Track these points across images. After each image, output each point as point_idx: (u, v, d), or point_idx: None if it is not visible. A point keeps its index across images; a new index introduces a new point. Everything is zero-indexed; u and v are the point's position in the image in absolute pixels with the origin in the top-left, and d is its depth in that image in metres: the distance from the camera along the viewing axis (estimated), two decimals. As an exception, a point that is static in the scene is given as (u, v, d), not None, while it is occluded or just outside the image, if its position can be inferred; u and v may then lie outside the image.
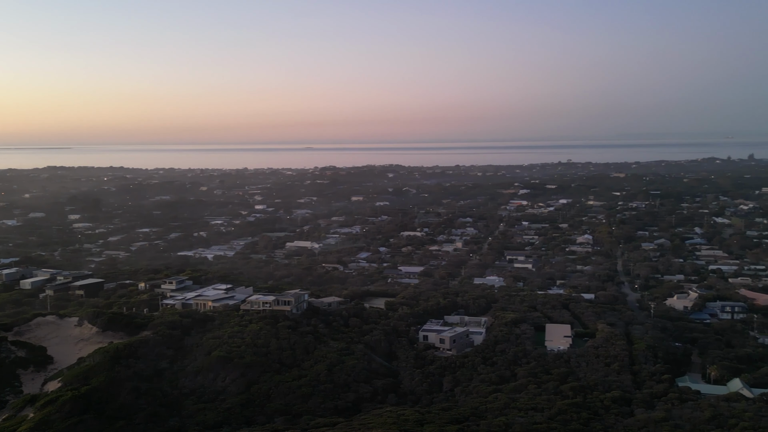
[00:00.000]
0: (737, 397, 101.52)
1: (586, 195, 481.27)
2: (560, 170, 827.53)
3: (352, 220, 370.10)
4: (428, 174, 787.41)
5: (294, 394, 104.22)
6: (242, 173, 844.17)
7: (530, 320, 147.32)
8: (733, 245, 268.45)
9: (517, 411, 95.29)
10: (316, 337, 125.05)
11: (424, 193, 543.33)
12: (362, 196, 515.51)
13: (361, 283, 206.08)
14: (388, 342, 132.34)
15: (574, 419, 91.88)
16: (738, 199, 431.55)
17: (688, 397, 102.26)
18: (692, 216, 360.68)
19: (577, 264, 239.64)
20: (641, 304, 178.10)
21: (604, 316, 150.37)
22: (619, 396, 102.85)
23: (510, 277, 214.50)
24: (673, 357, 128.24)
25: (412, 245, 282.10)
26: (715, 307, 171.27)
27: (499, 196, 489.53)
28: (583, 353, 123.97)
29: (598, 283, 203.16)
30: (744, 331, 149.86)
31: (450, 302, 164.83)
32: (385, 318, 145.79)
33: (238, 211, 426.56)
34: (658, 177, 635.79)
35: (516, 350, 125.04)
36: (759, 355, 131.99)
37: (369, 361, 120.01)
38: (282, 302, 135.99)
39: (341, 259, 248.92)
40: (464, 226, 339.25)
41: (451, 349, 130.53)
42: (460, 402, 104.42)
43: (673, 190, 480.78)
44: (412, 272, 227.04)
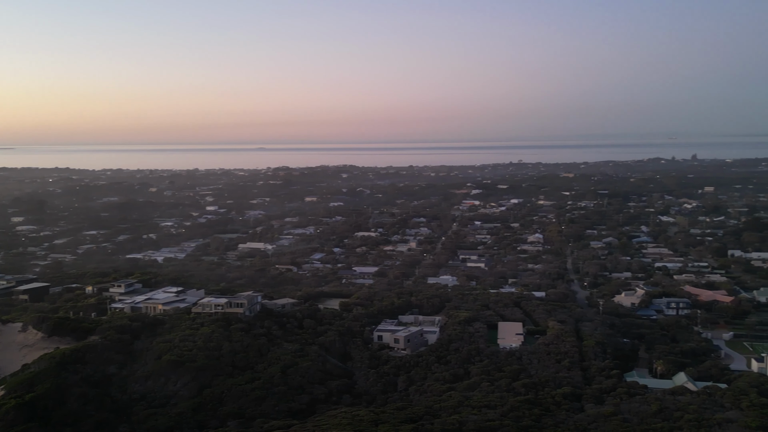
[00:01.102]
0: (682, 391, 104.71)
1: (536, 195, 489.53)
2: (511, 170, 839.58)
3: (305, 220, 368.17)
4: (382, 174, 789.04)
5: (247, 398, 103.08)
6: (193, 174, 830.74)
7: (483, 319, 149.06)
8: (677, 243, 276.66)
9: (471, 409, 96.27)
10: (270, 339, 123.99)
11: (378, 193, 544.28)
12: (316, 197, 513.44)
13: (315, 284, 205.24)
14: (343, 343, 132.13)
15: (526, 416, 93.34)
16: (682, 198, 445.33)
17: (635, 392, 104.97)
18: (639, 215, 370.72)
19: (529, 263, 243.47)
20: (590, 301, 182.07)
21: (554, 314, 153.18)
22: (570, 392, 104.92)
23: (463, 276, 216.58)
24: (622, 353, 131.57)
25: (366, 245, 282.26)
26: (660, 303, 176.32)
27: (452, 196, 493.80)
28: (534, 350, 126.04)
29: (549, 281, 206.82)
30: (688, 326, 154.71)
31: (404, 302, 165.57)
32: (339, 319, 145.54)
33: (189, 212, 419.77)
34: (605, 177, 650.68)
35: (469, 348, 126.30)
36: (702, 350, 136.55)
37: (323, 363, 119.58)
38: (235, 304, 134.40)
39: (295, 261, 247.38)
40: (418, 226, 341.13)
41: (405, 348, 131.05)
42: (415, 401, 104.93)
43: (620, 190, 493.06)
44: (366, 272, 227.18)
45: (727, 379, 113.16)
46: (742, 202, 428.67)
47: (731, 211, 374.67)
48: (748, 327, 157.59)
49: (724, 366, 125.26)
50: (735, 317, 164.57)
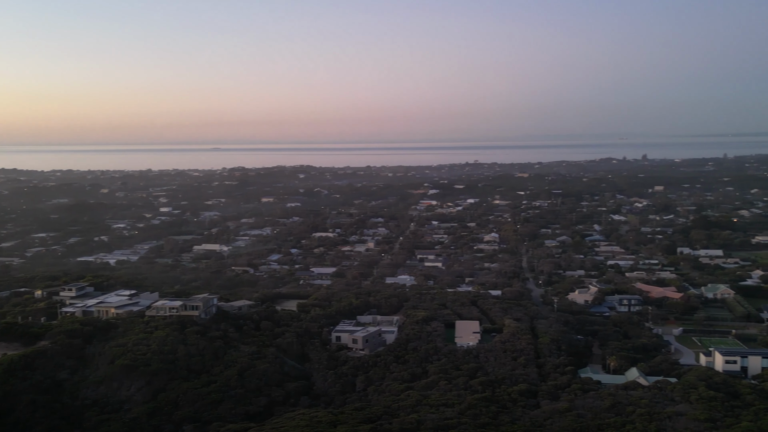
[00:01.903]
0: (634, 386, 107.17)
1: (492, 194, 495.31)
2: (468, 170, 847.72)
3: (262, 221, 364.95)
4: (340, 175, 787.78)
5: (203, 401, 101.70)
6: (146, 174, 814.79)
7: (441, 318, 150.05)
8: (629, 241, 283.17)
9: (429, 407, 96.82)
10: (226, 342, 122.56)
11: (335, 193, 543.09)
12: (273, 198, 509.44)
13: (272, 285, 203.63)
14: (301, 344, 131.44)
15: (484, 413, 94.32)
16: (633, 198, 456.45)
17: (589, 388, 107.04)
18: (591, 214, 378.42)
19: (485, 262, 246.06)
20: (545, 299, 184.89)
21: (510, 312, 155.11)
22: (526, 389, 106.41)
23: (421, 275, 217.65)
24: (576, 349, 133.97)
25: (324, 246, 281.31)
26: (613, 300, 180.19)
27: (409, 197, 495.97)
28: (491, 348, 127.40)
29: (505, 279, 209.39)
30: (640, 322, 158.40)
31: (362, 302, 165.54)
32: (297, 320, 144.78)
33: (142, 213, 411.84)
34: (559, 177, 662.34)
35: (427, 348, 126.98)
36: (653, 345, 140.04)
37: (281, 365, 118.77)
38: (190, 307, 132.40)
39: (251, 262, 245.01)
40: (376, 226, 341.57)
41: (363, 348, 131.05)
42: (373, 401, 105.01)
43: (573, 189, 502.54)
44: (324, 273, 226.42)
45: (677, 374, 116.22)
46: (690, 200, 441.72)
47: (680, 210, 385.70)
48: (697, 322, 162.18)
49: (674, 361, 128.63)
50: (684, 313, 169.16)
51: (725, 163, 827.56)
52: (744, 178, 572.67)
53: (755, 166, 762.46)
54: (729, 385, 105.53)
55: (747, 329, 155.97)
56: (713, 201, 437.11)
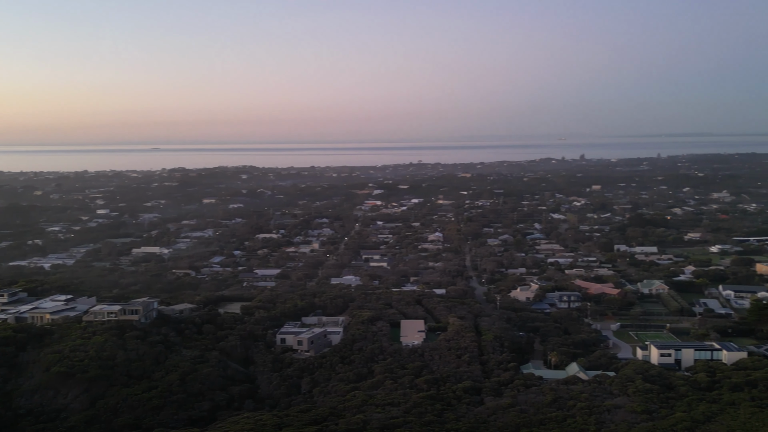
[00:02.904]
0: (575, 380, 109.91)
1: (436, 194, 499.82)
2: (412, 171, 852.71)
3: (204, 223, 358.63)
4: (283, 175, 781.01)
5: (144, 407, 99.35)
6: (82, 176, 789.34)
7: (386, 317, 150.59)
8: (568, 239, 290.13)
9: (375, 407, 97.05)
10: (168, 347, 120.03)
11: (279, 194, 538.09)
12: (215, 199, 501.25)
13: (215, 288, 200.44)
14: (245, 347, 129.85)
15: (429, 411, 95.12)
16: (572, 197, 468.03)
17: (531, 383, 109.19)
18: (532, 212, 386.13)
19: (429, 261, 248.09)
20: (488, 296, 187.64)
21: (454, 310, 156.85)
22: (470, 386, 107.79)
23: (366, 275, 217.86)
24: (518, 346, 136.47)
25: (268, 247, 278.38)
26: (553, 297, 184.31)
27: (354, 197, 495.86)
28: (436, 347, 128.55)
29: (449, 278, 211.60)
30: (579, 318, 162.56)
31: (308, 303, 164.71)
32: (241, 323, 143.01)
33: (78, 216, 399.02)
34: (501, 176, 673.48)
35: (373, 347, 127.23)
36: (592, 340, 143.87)
37: (224, 368, 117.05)
38: (129, 311, 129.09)
39: (193, 264, 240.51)
40: (321, 226, 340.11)
41: (309, 350, 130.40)
42: (319, 402, 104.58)
43: (514, 189, 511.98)
44: (268, 275, 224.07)
45: (615, 368, 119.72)
46: (626, 199, 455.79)
47: (616, 208, 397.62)
48: (633, 317, 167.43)
49: (612, 355, 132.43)
50: (621, 308, 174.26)
51: (659, 163, 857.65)
52: (677, 177, 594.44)
53: (687, 165, 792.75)
54: (664, 377, 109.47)
55: (680, 323, 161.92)
56: (648, 199, 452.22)
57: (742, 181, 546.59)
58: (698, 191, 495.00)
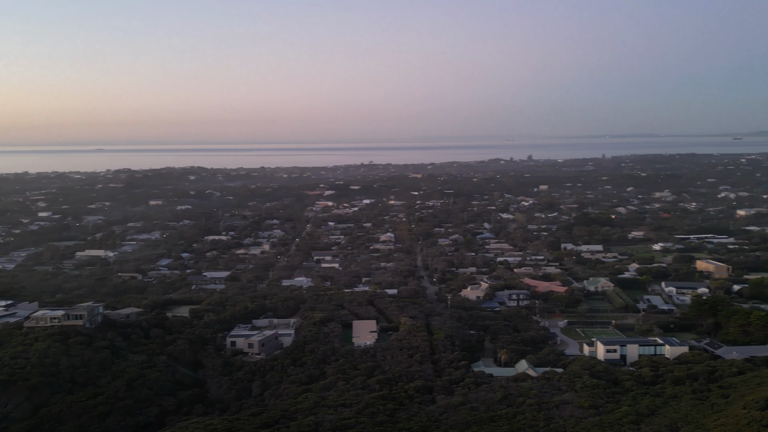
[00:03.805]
0: (524, 377, 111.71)
1: (387, 195, 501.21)
2: (363, 171, 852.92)
3: (151, 225, 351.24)
4: (233, 176, 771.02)
5: (89, 414, 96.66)
6: (22, 177, 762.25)
7: (338, 318, 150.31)
8: (516, 238, 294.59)
9: (327, 409, 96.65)
10: (114, 352, 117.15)
11: (228, 195, 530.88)
12: (162, 200, 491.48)
13: (162, 291, 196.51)
14: (194, 351, 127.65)
15: (381, 411, 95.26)
16: (520, 196, 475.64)
17: (482, 381, 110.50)
18: (482, 212, 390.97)
19: (381, 261, 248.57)
20: (439, 296, 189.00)
21: (406, 310, 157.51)
22: (422, 385, 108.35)
23: (318, 277, 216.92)
24: (469, 344, 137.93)
25: (217, 249, 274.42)
26: (503, 295, 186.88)
27: (305, 198, 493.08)
28: (388, 346, 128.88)
29: (401, 278, 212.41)
30: (528, 316, 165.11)
31: (258, 306, 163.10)
32: (189, 326, 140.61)
33: (18, 219, 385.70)
34: (451, 177, 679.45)
35: (325, 349, 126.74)
36: (541, 337, 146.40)
37: (173, 373, 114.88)
38: (73, 316, 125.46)
39: (140, 267, 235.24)
40: (271, 228, 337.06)
41: (260, 353, 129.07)
42: (270, 405, 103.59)
43: (464, 189, 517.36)
44: (218, 277, 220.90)
45: (563, 364, 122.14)
46: (573, 198, 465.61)
47: (563, 208, 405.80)
48: (580, 314, 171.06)
49: (560, 352, 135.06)
50: (568, 306, 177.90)
51: (604, 163, 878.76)
52: (620, 177, 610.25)
53: (630, 165, 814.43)
54: (610, 372, 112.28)
55: (625, 319, 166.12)
56: (593, 199, 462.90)
57: (682, 181, 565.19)
58: (641, 191, 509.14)
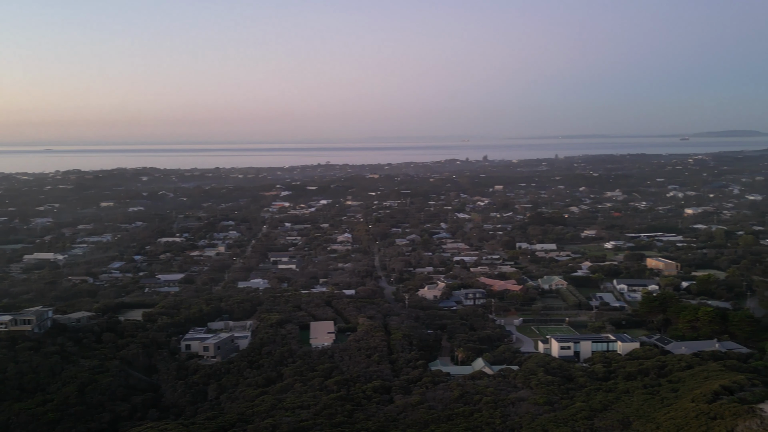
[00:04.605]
0: (480, 375, 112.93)
1: (344, 195, 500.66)
2: (320, 172, 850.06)
3: (102, 227, 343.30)
4: (186, 177, 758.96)
5: (38, 422, 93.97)
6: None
7: (295, 320, 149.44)
8: (473, 238, 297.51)
9: (284, 411, 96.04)
10: (64, 357, 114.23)
11: (182, 196, 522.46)
12: (113, 202, 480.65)
13: (114, 295, 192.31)
14: (148, 355, 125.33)
15: (339, 412, 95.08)
16: (476, 196, 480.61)
17: (439, 380, 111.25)
18: (438, 212, 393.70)
19: (339, 262, 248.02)
20: (397, 296, 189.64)
21: (364, 310, 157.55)
22: (380, 385, 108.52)
23: (274, 278, 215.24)
24: (426, 343, 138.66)
25: (171, 252, 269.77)
26: (460, 294, 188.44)
27: (261, 198, 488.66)
28: (346, 347, 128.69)
29: (358, 278, 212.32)
30: (484, 314, 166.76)
31: (214, 308, 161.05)
32: (143, 330, 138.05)
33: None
34: (408, 177, 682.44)
35: (282, 351, 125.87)
36: (497, 336, 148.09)
37: (126, 378, 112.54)
38: (21, 321, 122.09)
39: (91, 271, 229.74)
40: (227, 229, 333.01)
41: (215, 356, 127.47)
42: (226, 409, 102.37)
43: (421, 189, 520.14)
44: (171, 280, 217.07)
45: (518, 361, 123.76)
46: (527, 198, 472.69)
47: (518, 207, 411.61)
48: (535, 312, 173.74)
49: (515, 349, 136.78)
50: (524, 304, 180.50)
51: (557, 163, 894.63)
52: (573, 176, 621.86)
53: (583, 165, 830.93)
54: (564, 369, 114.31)
55: (579, 317, 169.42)
56: (547, 198, 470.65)
57: (633, 181, 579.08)
58: (593, 190, 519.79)
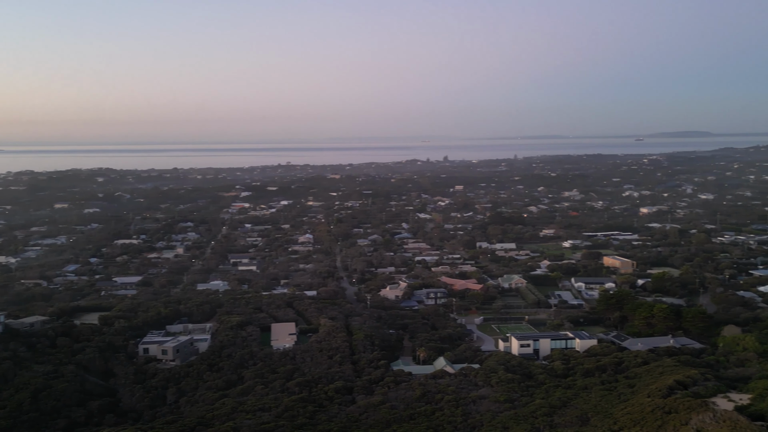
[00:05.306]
0: (442, 374, 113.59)
1: (305, 196, 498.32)
2: (280, 172, 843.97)
3: (56, 229, 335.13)
4: (143, 178, 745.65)
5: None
6: None
7: (256, 321, 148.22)
8: (434, 238, 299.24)
9: (245, 414, 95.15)
10: (17, 363, 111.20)
11: (139, 198, 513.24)
12: (68, 203, 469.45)
13: (69, 298, 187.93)
14: (104, 359, 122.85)
15: (301, 414, 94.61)
16: (437, 197, 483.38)
17: (401, 379, 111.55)
18: (399, 213, 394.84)
19: (300, 263, 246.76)
20: (359, 296, 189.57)
21: (326, 311, 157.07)
22: (342, 386, 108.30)
23: (235, 280, 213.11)
24: (388, 343, 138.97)
25: (128, 254, 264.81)
26: (421, 294, 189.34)
27: (220, 199, 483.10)
28: (307, 348, 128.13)
29: (320, 279, 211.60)
30: (445, 314, 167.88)
31: (172, 311, 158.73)
32: (99, 334, 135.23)
33: None
34: (369, 178, 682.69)
35: (242, 353, 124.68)
36: (458, 334, 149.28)
37: (82, 383, 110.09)
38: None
39: (44, 274, 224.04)
40: (185, 231, 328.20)
41: (174, 359, 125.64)
42: (186, 413, 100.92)
43: (382, 190, 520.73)
44: (129, 282, 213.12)
45: (479, 360, 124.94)
46: (487, 198, 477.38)
47: (478, 207, 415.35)
48: (495, 311, 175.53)
49: (476, 348, 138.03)
50: (484, 303, 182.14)
51: (516, 164, 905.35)
52: (532, 177, 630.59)
53: (541, 166, 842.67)
54: (524, 367, 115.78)
55: (538, 315, 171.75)
56: (506, 198, 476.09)
57: (589, 181, 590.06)
58: (551, 190, 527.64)
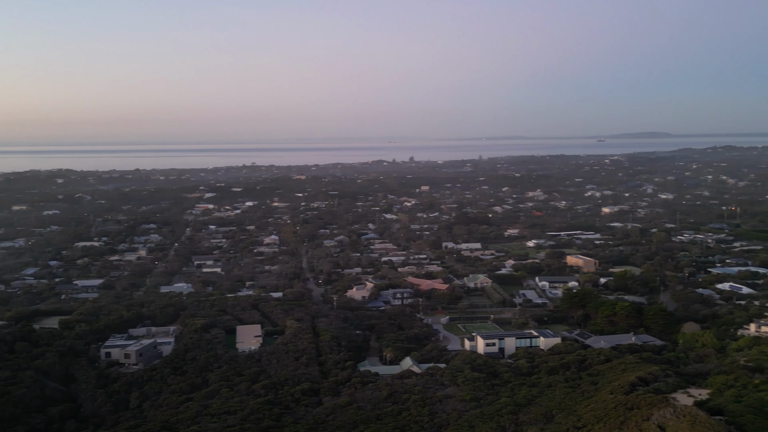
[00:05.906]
0: (409, 374, 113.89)
1: (271, 197, 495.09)
2: (245, 173, 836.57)
3: (14, 232, 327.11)
4: (105, 179, 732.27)
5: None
6: None
7: (221, 324, 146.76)
8: (400, 238, 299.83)
9: (210, 417, 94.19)
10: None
11: (100, 199, 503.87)
12: (26, 205, 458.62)
13: (28, 302, 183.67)
14: (65, 364, 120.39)
15: (267, 416, 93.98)
16: (403, 197, 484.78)
17: (368, 380, 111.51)
18: (366, 213, 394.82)
19: (266, 264, 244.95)
20: (325, 297, 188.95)
21: (292, 313, 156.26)
22: (308, 387, 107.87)
23: (199, 282, 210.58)
24: (355, 344, 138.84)
25: (89, 256, 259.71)
26: (388, 294, 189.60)
27: (184, 201, 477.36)
28: (273, 350, 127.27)
29: (286, 281, 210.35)
30: (412, 314, 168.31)
31: (135, 314, 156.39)
32: (59, 338, 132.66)
33: None
34: (335, 178, 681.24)
35: (207, 356, 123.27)
36: (424, 334, 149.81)
37: (41, 388, 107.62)
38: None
39: (2, 278, 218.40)
40: (148, 232, 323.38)
41: (137, 363, 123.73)
42: (149, 417, 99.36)
43: (348, 190, 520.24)
44: (90, 286, 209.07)
45: (445, 359, 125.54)
46: (452, 199, 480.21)
47: (444, 208, 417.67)
48: (461, 310, 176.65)
49: (443, 347, 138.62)
50: (450, 302, 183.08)
51: (481, 165, 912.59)
52: (496, 177, 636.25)
53: (505, 166, 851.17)
54: (490, 365, 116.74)
55: (503, 314, 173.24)
56: (472, 199, 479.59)
57: (553, 181, 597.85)
58: (516, 190, 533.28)
